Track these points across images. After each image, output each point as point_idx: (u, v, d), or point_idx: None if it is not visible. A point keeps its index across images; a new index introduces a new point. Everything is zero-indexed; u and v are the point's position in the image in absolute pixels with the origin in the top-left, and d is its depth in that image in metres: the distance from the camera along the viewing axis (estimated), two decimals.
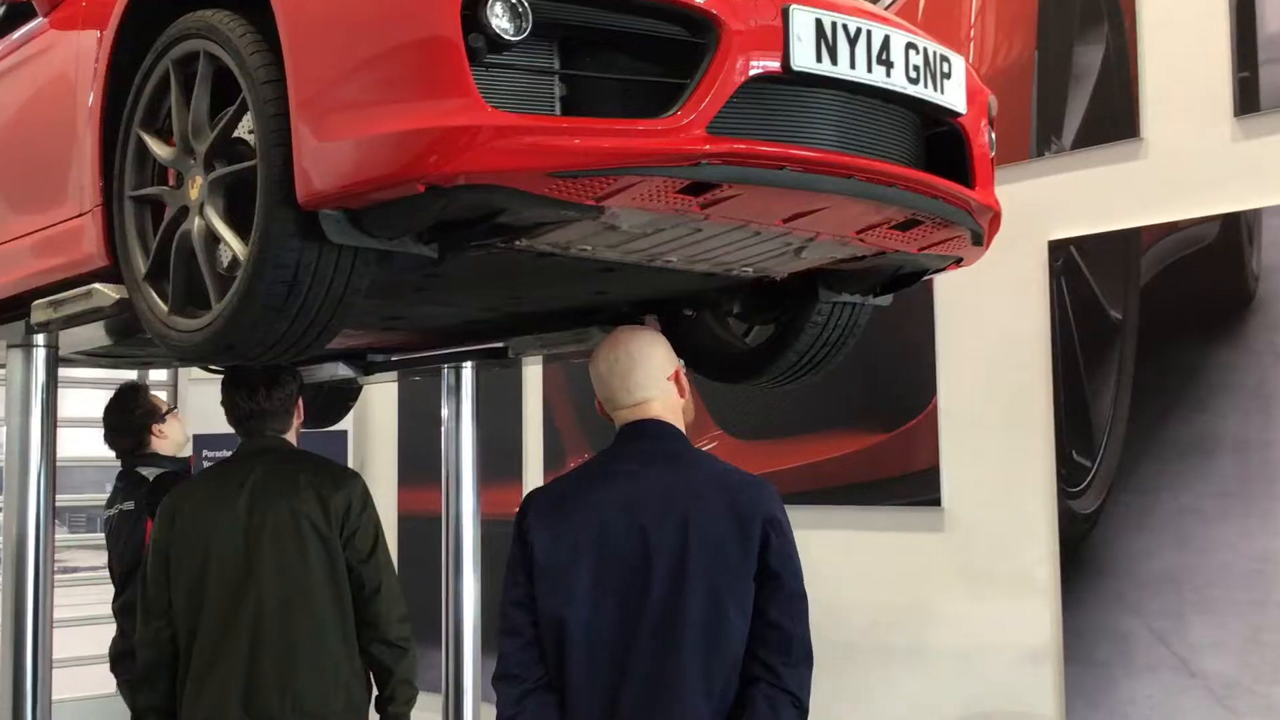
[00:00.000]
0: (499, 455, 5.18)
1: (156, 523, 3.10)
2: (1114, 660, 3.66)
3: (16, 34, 2.91)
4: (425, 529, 5.65)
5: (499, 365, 3.84)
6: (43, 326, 2.56)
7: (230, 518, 2.99)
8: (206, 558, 2.97)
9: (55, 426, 2.83)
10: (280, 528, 2.97)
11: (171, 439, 4.23)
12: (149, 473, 4.09)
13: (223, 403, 3.19)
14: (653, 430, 2.40)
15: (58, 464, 2.85)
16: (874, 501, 4.29)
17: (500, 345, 3.47)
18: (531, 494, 2.47)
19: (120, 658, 4.16)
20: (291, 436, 3.20)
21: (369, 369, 3.93)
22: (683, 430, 2.45)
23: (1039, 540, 3.88)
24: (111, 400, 4.26)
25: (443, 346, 3.71)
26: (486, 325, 3.34)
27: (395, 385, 6.21)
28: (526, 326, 3.30)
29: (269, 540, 2.97)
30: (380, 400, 6.51)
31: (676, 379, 2.46)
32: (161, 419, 4.22)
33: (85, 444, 4.51)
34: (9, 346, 2.80)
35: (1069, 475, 3.80)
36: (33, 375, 2.77)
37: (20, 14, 3.03)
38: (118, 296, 2.27)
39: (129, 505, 4.08)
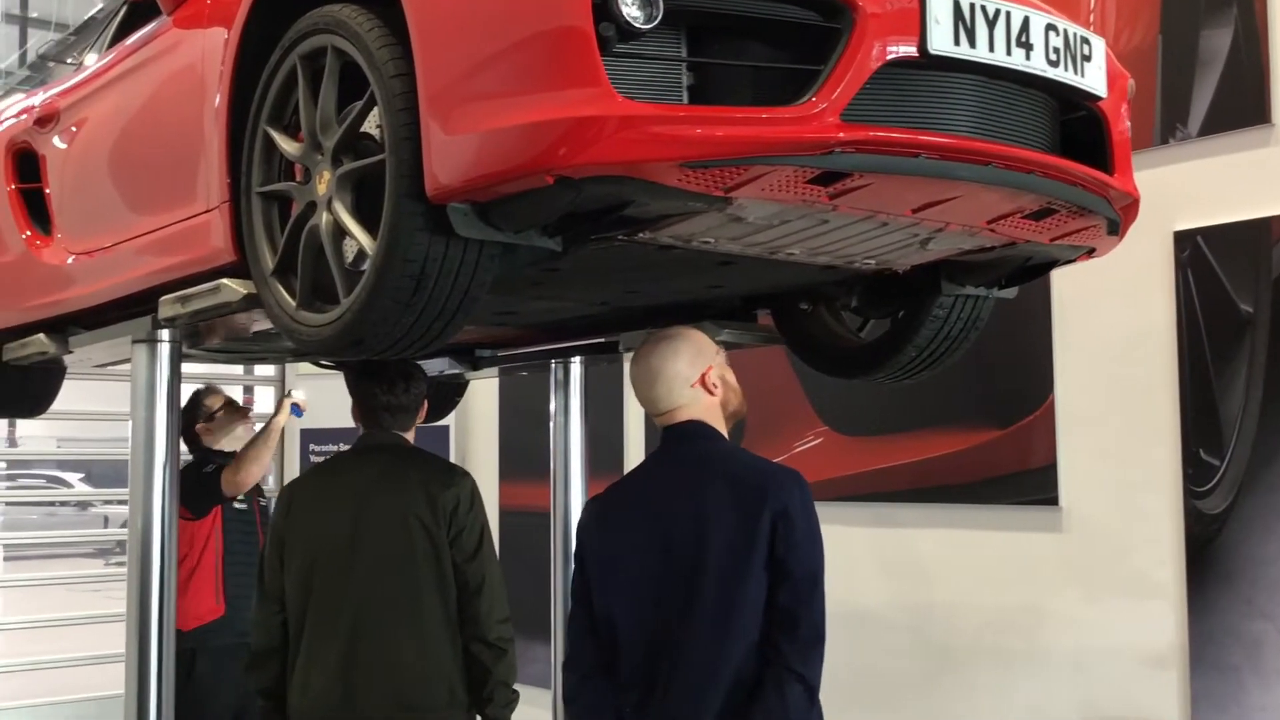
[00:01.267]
0: (601, 450, 5.18)
1: (275, 511, 3.17)
2: (1243, 665, 3.53)
3: (138, 34, 2.96)
4: (527, 524, 5.67)
5: (607, 360, 3.82)
6: (169, 322, 2.59)
7: (340, 511, 3.03)
8: (316, 549, 3.01)
9: (179, 420, 2.88)
10: (388, 523, 3.00)
11: (218, 435, 4.52)
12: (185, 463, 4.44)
13: (355, 394, 3.21)
14: (682, 433, 2.50)
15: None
16: (987, 500, 4.18)
17: (611, 340, 3.45)
18: (594, 496, 2.64)
19: None
20: (410, 434, 3.23)
21: (476, 364, 3.94)
22: (719, 426, 2.52)
23: (1163, 541, 3.75)
24: None
25: (551, 341, 3.70)
26: (597, 320, 3.32)
27: (496, 380, 6.24)
28: (638, 321, 3.27)
29: (376, 535, 2.99)
30: (481, 396, 6.54)
31: (703, 382, 2.50)
32: (209, 419, 4.53)
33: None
34: (134, 342, 2.85)
35: (1196, 474, 3.67)
36: (158, 370, 2.81)
37: (141, 13, 3.09)
38: (245, 291, 2.29)
39: None
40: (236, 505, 4.45)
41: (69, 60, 13.71)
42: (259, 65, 2.23)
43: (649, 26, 1.70)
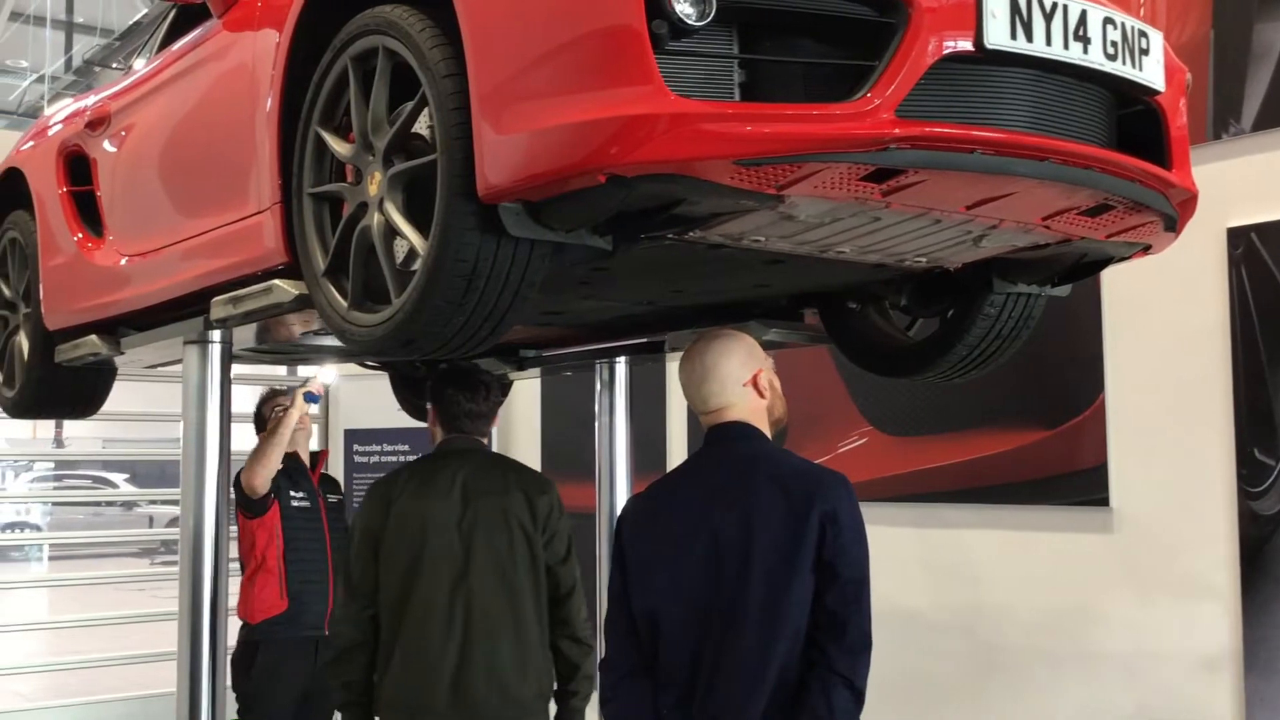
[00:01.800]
0: (642, 450, 5.18)
1: (366, 509, 3.20)
2: None
3: (187, 37, 2.99)
4: (570, 523, 5.67)
5: (652, 360, 3.82)
6: (221, 323, 2.60)
7: (445, 509, 3.12)
8: (422, 545, 3.09)
9: (230, 421, 2.90)
10: (492, 523, 3.12)
11: None
12: None
13: (437, 400, 3.31)
14: (729, 433, 2.49)
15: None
16: (1036, 501, 4.14)
17: (657, 340, 3.44)
18: (634, 496, 2.64)
19: None
20: (485, 441, 3.37)
21: (522, 364, 3.94)
22: (764, 430, 2.52)
23: (1217, 542, 3.70)
24: None
25: (595, 341, 3.70)
26: (642, 319, 3.32)
27: (538, 380, 6.25)
28: (683, 320, 3.26)
29: (482, 534, 3.11)
30: (523, 396, 6.56)
31: (754, 383, 2.50)
32: (262, 427, 4.64)
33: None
34: (185, 343, 2.87)
35: (1250, 475, 3.61)
36: (209, 371, 2.83)
37: (190, 17, 3.12)
38: (297, 292, 2.30)
39: None
40: (296, 503, 4.48)
41: (114, 65, 13.88)
42: (310, 67, 2.23)
43: (702, 24, 1.69)
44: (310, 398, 4.59)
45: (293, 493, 4.50)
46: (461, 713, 3.01)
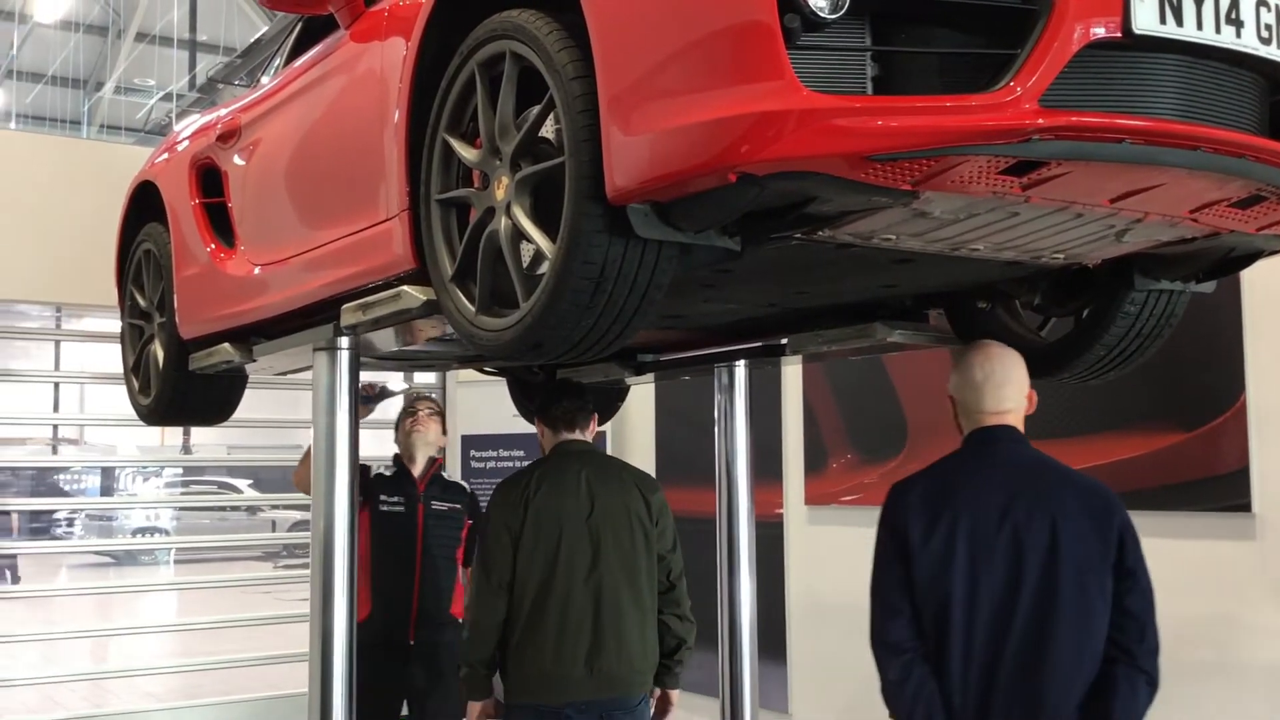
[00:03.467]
0: (757, 455, 5.13)
1: (502, 507, 3.46)
2: None
3: (314, 49, 3.04)
4: (685, 528, 5.65)
5: (771, 363, 3.77)
6: (351, 329, 2.64)
7: (576, 505, 3.47)
8: (559, 538, 3.42)
9: (359, 426, 2.93)
10: (617, 517, 3.49)
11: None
12: None
13: (543, 413, 3.63)
14: (1013, 435, 2.62)
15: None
16: (1173, 506, 3.99)
17: (778, 343, 3.40)
18: (899, 487, 2.69)
19: None
20: None
21: (639, 369, 3.93)
22: None
23: None
24: None
25: (715, 344, 3.67)
26: (763, 322, 3.28)
27: (652, 385, 6.23)
28: (806, 323, 3.22)
29: (610, 527, 3.47)
30: (637, 400, 6.56)
31: (1030, 397, 2.67)
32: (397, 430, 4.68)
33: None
34: (315, 349, 2.92)
35: None
36: (338, 377, 2.87)
37: (317, 29, 3.18)
38: (425, 298, 2.32)
39: None
40: (386, 509, 4.39)
41: (236, 81, 14.31)
42: (437, 75, 2.25)
43: (835, 16, 1.65)
44: (361, 399, 4.55)
45: (384, 497, 4.41)
46: (596, 683, 3.38)
